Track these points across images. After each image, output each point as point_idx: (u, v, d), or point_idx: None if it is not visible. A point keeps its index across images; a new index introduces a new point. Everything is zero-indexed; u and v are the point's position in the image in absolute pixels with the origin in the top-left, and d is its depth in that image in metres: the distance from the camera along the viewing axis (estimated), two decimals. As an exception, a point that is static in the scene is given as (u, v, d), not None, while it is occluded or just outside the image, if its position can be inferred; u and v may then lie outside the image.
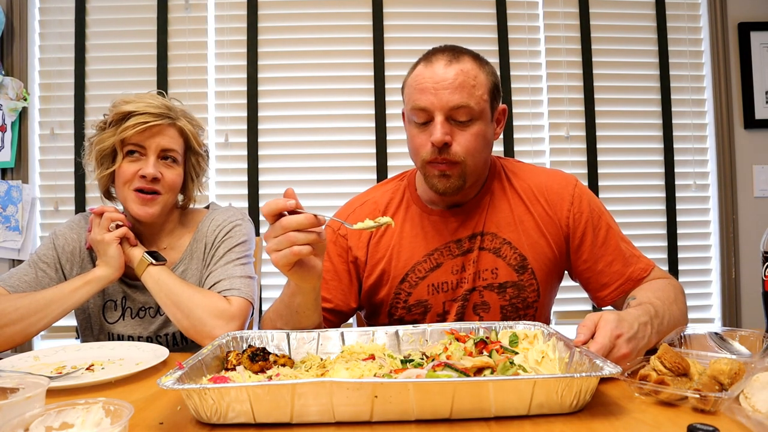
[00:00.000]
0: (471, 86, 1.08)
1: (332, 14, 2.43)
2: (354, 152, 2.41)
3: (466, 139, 1.10)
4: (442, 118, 1.08)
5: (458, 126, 1.10)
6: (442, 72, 1.08)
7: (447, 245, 1.20)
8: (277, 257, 0.89)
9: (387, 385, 0.68)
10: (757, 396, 0.66)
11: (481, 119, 1.11)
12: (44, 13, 2.40)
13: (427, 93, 1.08)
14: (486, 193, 1.23)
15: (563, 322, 2.37)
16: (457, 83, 1.07)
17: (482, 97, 1.10)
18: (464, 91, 1.07)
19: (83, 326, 1.34)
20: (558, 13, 2.44)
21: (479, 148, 1.12)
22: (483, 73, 1.12)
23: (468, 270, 1.19)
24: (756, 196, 2.42)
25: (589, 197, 1.23)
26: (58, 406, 0.61)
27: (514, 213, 1.21)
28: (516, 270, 1.18)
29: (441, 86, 1.07)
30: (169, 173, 1.26)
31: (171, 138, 1.26)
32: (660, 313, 0.96)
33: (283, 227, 0.87)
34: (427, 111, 1.09)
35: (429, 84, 1.08)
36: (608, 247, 1.19)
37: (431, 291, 1.20)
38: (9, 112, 2.32)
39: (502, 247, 1.19)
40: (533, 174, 1.27)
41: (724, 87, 2.41)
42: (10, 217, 2.31)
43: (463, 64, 1.09)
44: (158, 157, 1.24)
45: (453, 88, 1.07)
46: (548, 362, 0.83)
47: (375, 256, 1.23)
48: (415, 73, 1.13)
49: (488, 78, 1.13)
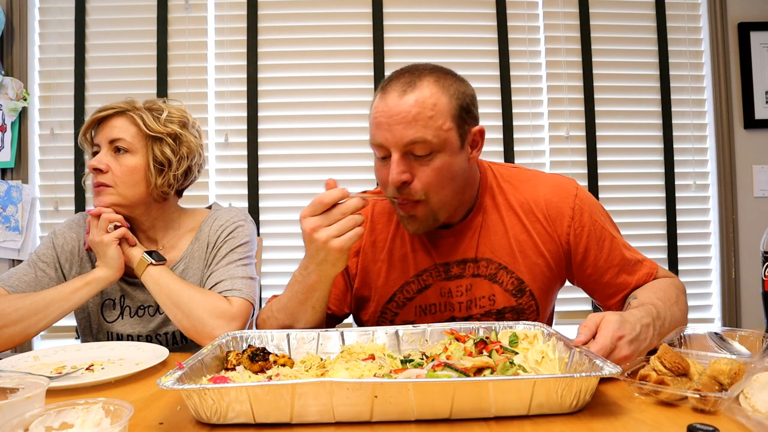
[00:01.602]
0: (428, 117, 0.98)
1: (332, 14, 2.43)
2: (354, 152, 2.41)
3: (427, 175, 1.01)
4: (398, 155, 1.00)
5: (418, 161, 1.01)
6: (394, 104, 0.99)
7: (435, 267, 1.16)
8: (343, 241, 0.94)
9: (387, 385, 0.68)
10: (757, 396, 0.66)
11: (444, 151, 1.01)
12: (44, 13, 2.40)
13: (382, 128, 1.00)
14: (478, 213, 1.16)
15: (563, 322, 2.36)
16: (411, 116, 0.98)
17: (442, 127, 0.99)
18: (419, 123, 0.98)
19: (82, 325, 1.34)
20: (558, 13, 2.44)
21: (443, 182, 1.03)
22: (445, 97, 1.01)
23: (456, 297, 1.15)
24: (756, 196, 2.42)
25: (590, 206, 1.16)
26: (58, 406, 0.61)
27: (509, 232, 1.15)
28: (513, 294, 1.14)
29: (394, 121, 0.99)
30: (115, 164, 1.25)
31: (119, 128, 1.26)
32: (662, 314, 0.96)
33: (342, 212, 0.94)
34: (383, 147, 1.02)
35: (383, 119, 1.00)
36: (613, 259, 1.15)
37: (419, 313, 1.17)
38: (9, 112, 2.32)
39: (498, 272, 1.14)
40: (530, 184, 1.18)
41: (724, 87, 2.41)
42: (10, 217, 2.31)
43: (420, 91, 0.99)
44: (110, 149, 1.26)
45: (406, 123, 0.98)
46: (548, 362, 0.83)
47: (364, 269, 1.20)
48: (373, 105, 1.05)
49: (452, 102, 1.01)
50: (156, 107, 1.30)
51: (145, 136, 1.27)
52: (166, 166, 1.28)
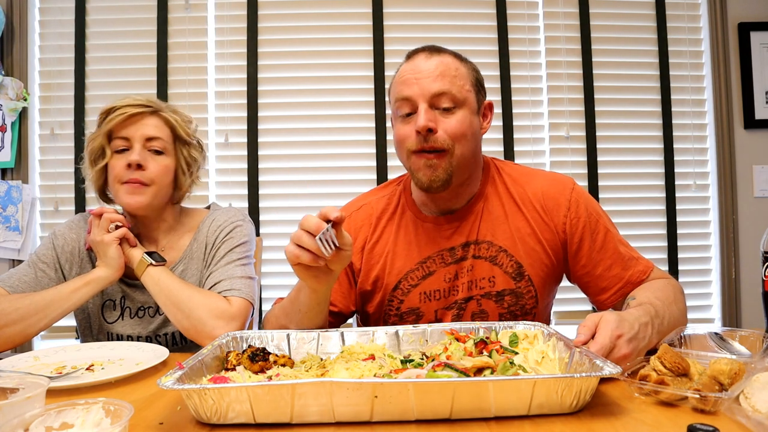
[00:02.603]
0: (452, 76, 1.11)
1: (332, 14, 2.43)
2: (354, 152, 2.41)
3: (452, 125, 1.11)
4: (426, 105, 1.10)
5: (443, 113, 1.11)
6: (423, 64, 1.12)
7: (440, 253, 1.20)
8: (286, 249, 0.93)
9: (387, 385, 0.68)
10: (757, 396, 0.66)
11: (466, 107, 1.12)
12: (44, 13, 2.40)
13: (410, 84, 1.11)
14: (479, 199, 1.22)
15: (563, 323, 2.37)
16: (438, 72, 1.11)
17: (464, 87, 1.12)
18: (445, 78, 1.10)
19: (83, 326, 1.34)
20: (558, 13, 2.44)
21: (466, 134, 1.12)
22: (464, 67, 1.15)
23: (461, 278, 1.18)
24: (756, 196, 2.42)
25: (587, 200, 1.21)
26: (58, 406, 0.61)
27: (509, 219, 1.20)
28: (513, 278, 1.17)
29: (422, 76, 1.11)
30: (154, 163, 1.25)
31: (155, 126, 1.26)
32: (660, 313, 0.96)
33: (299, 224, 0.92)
34: (410, 101, 1.11)
35: (411, 75, 1.12)
36: (606, 252, 1.18)
37: (423, 299, 1.19)
38: (9, 112, 2.32)
39: (498, 255, 1.18)
40: (529, 178, 1.24)
41: (724, 87, 2.41)
42: (10, 217, 2.31)
43: (444, 57, 1.14)
44: (145, 147, 1.24)
45: (434, 77, 1.10)
46: (548, 362, 0.83)
47: (369, 262, 1.23)
48: (398, 72, 1.17)
49: (470, 72, 1.16)
50: (177, 110, 1.32)
51: (175, 138, 1.29)
52: (189, 169, 1.32)
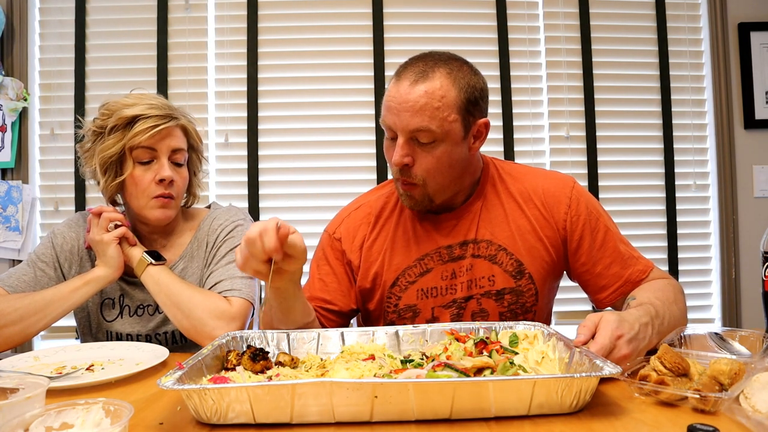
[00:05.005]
0: (434, 108, 1.05)
1: (332, 14, 2.43)
2: (354, 152, 2.41)
3: (428, 161, 1.09)
4: (403, 139, 1.08)
5: (421, 147, 1.09)
6: (405, 92, 1.06)
7: (437, 250, 1.20)
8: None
9: (387, 386, 0.68)
10: (757, 396, 0.66)
11: (446, 141, 1.08)
12: (44, 13, 2.40)
13: (392, 112, 1.08)
14: (478, 198, 1.21)
15: (563, 323, 2.37)
16: (419, 106, 1.05)
17: (447, 119, 1.06)
18: (425, 114, 1.05)
19: (82, 324, 1.34)
20: (558, 13, 2.44)
21: (442, 169, 1.10)
22: (454, 90, 1.07)
23: (459, 277, 1.18)
24: (756, 196, 2.41)
25: (587, 199, 1.21)
26: (58, 407, 0.61)
27: (508, 217, 1.19)
28: (513, 276, 1.17)
29: (403, 108, 1.06)
30: (178, 177, 1.25)
31: (178, 138, 1.25)
32: (660, 313, 0.96)
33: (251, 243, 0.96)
34: (391, 129, 1.11)
35: (394, 104, 1.08)
36: (606, 250, 1.18)
37: (420, 296, 1.19)
38: (9, 112, 2.32)
39: (498, 253, 1.18)
40: (529, 176, 1.24)
41: (724, 87, 2.41)
42: (10, 217, 2.31)
43: (431, 83, 1.06)
44: (170, 159, 1.23)
45: (414, 111, 1.05)
46: (548, 362, 0.83)
47: (368, 259, 1.23)
48: (387, 88, 1.12)
49: (461, 95, 1.08)
50: (186, 113, 1.30)
51: (189, 146, 1.30)
52: (196, 174, 1.34)
